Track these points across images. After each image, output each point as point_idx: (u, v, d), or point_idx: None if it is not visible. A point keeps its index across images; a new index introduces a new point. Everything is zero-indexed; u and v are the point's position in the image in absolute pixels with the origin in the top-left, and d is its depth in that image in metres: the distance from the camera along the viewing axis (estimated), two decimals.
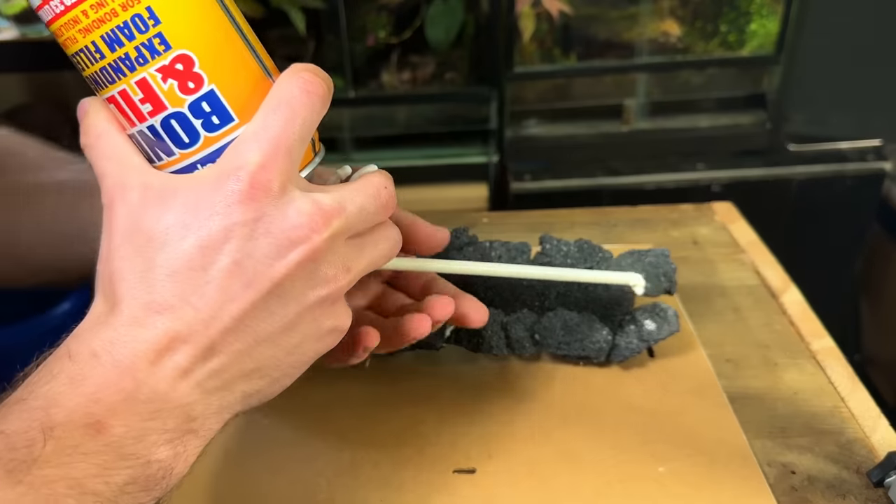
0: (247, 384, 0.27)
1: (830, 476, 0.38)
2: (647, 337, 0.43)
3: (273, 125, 0.26)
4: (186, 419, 0.25)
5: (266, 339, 0.27)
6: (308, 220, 0.26)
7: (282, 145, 0.26)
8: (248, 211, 0.25)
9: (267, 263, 0.26)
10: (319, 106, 0.28)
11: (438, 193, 1.01)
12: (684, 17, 0.96)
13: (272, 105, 0.27)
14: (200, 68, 0.26)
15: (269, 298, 0.26)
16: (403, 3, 0.94)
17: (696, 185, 0.97)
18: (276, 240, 0.26)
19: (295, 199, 0.26)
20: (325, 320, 0.28)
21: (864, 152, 0.99)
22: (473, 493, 0.37)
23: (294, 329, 0.27)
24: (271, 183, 0.26)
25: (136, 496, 0.24)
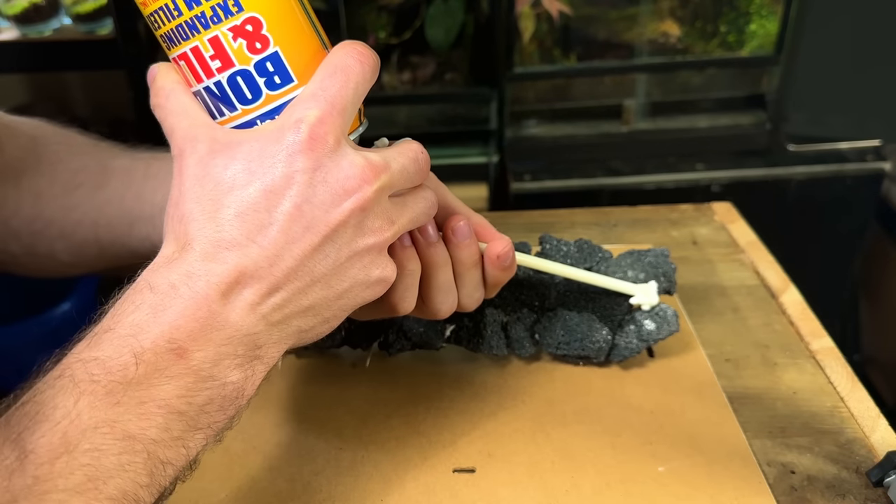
0: (302, 320, 0.29)
1: (830, 476, 0.38)
2: (647, 337, 0.43)
3: (330, 87, 0.29)
4: (253, 346, 0.28)
5: (321, 280, 0.29)
6: (360, 171, 0.29)
7: (337, 105, 0.29)
8: (307, 160, 0.28)
9: (324, 209, 0.28)
10: (370, 74, 0.30)
11: None
12: (684, 18, 0.96)
13: (329, 70, 0.29)
14: (267, 31, 0.29)
15: (325, 243, 0.28)
16: (403, 4, 0.94)
17: (695, 186, 0.97)
18: (332, 188, 0.28)
19: (348, 154, 0.29)
20: (372, 269, 0.30)
21: (864, 152, 0.99)
22: (473, 493, 0.37)
23: (345, 273, 0.30)
24: (327, 136, 0.28)
25: (214, 415, 0.27)
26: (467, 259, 0.36)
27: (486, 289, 0.38)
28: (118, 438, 0.25)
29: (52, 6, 0.98)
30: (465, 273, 0.36)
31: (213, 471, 0.38)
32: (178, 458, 0.27)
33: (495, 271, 0.37)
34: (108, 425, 0.25)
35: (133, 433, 0.25)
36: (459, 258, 0.36)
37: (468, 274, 0.36)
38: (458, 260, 0.36)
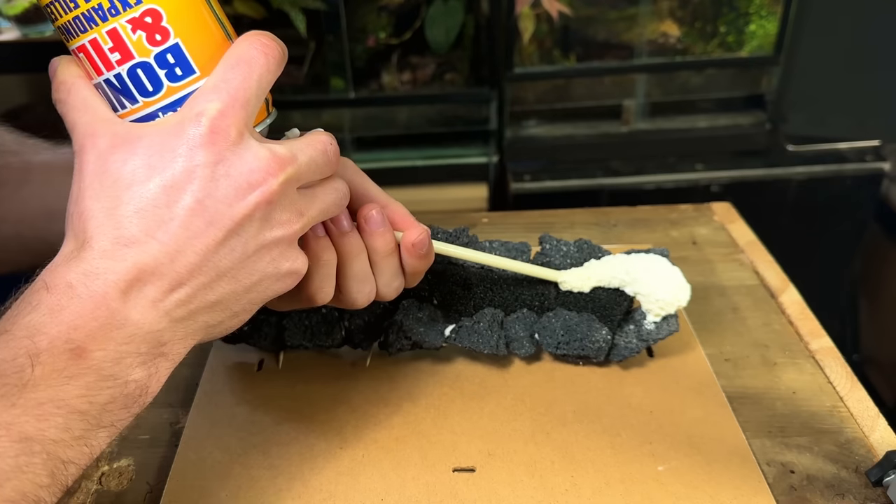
0: (209, 315, 0.29)
1: (829, 475, 0.38)
2: (647, 337, 0.43)
3: (232, 79, 0.29)
4: (157, 344, 0.28)
5: (227, 274, 0.29)
6: (265, 164, 0.28)
7: (239, 97, 0.28)
8: (208, 154, 0.28)
9: (227, 203, 0.28)
10: (274, 66, 0.30)
11: (438, 194, 1.01)
12: (683, 18, 0.96)
13: (231, 62, 0.29)
14: (167, 23, 0.28)
15: (230, 237, 0.28)
16: (403, 5, 0.94)
17: (695, 186, 0.97)
18: (235, 182, 0.28)
19: (252, 146, 0.29)
20: (282, 262, 0.31)
21: (863, 153, 0.99)
22: (473, 492, 0.37)
23: (253, 267, 0.30)
24: (229, 129, 0.28)
25: (117, 413, 0.27)
26: (382, 248, 0.36)
27: (405, 277, 0.38)
28: (14, 441, 0.24)
29: None
30: (380, 262, 0.36)
31: (213, 469, 0.38)
32: (80, 457, 0.27)
33: (411, 259, 0.37)
34: (4, 428, 0.24)
35: (31, 435, 0.25)
36: (374, 247, 0.36)
37: (384, 262, 0.36)
38: (372, 249, 0.36)
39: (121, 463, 0.40)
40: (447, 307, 0.44)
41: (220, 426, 0.41)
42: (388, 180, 1.16)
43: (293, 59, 0.96)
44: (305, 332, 0.43)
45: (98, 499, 0.38)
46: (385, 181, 1.07)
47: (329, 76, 0.96)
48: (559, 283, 0.43)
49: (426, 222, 0.49)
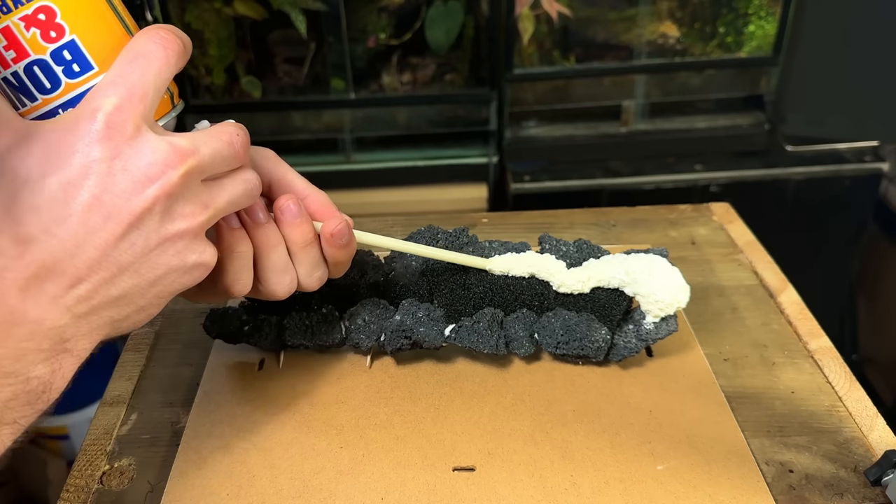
0: (114, 310, 0.29)
1: (828, 475, 0.38)
2: (646, 336, 0.43)
3: (129, 73, 0.29)
4: (60, 340, 0.28)
5: (129, 269, 0.29)
6: (164, 157, 0.28)
7: (136, 91, 0.28)
8: (105, 149, 0.28)
9: (125, 198, 0.28)
10: (174, 59, 0.30)
11: (438, 194, 1.01)
12: (683, 19, 0.96)
13: (129, 56, 0.29)
14: (62, 19, 0.28)
15: (130, 231, 0.28)
16: (404, 5, 0.94)
17: (694, 186, 0.97)
18: (132, 176, 0.28)
19: (150, 140, 0.28)
20: (188, 254, 0.30)
21: (862, 153, 0.99)
22: (473, 491, 0.37)
23: (156, 261, 0.30)
24: (126, 124, 0.28)
25: (20, 410, 0.28)
26: (300, 238, 0.36)
27: (328, 267, 0.38)
28: None
29: None
30: (299, 252, 0.36)
31: (213, 469, 0.38)
32: None
33: (331, 249, 0.37)
34: None
35: None
36: (291, 238, 0.36)
37: (303, 253, 0.36)
38: (290, 239, 0.36)
39: (122, 462, 0.40)
40: (447, 307, 0.44)
41: (220, 425, 0.41)
42: (388, 180, 1.16)
43: (294, 59, 0.96)
44: (306, 332, 0.43)
45: (99, 498, 0.38)
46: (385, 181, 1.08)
47: (329, 77, 0.96)
48: (490, 270, 0.44)
49: (426, 222, 0.49)
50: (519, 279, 0.44)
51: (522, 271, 0.44)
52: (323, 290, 0.40)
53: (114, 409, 0.43)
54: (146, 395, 0.45)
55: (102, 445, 0.41)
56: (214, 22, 0.92)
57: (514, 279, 0.44)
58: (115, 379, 0.46)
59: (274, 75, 0.97)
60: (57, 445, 1.09)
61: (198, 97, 0.96)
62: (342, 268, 0.39)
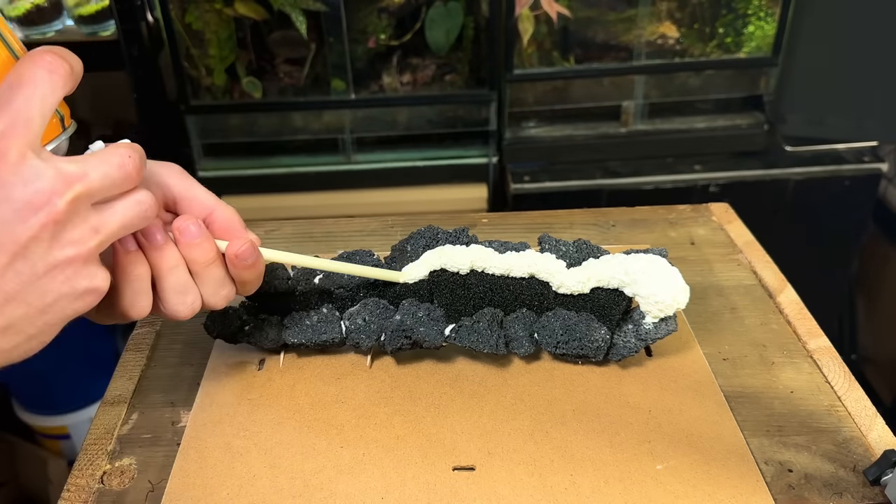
0: (2, 341, 0.29)
1: (827, 474, 0.38)
2: (645, 336, 0.43)
3: (12, 99, 0.28)
4: None
5: (15, 298, 0.28)
6: (49, 184, 0.28)
7: (21, 117, 0.28)
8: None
9: (9, 227, 0.27)
10: (60, 83, 0.29)
11: (438, 194, 1.01)
12: (682, 20, 0.96)
13: (12, 81, 0.28)
14: None
15: (15, 260, 0.28)
16: (404, 6, 0.94)
17: (693, 186, 0.97)
18: (16, 205, 0.27)
19: (34, 167, 0.28)
20: (78, 280, 0.30)
21: (861, 153, 0.99)
22: (473, 491, 0.37)
23: (45, 288, 0.29)
24: (9, 151, 0.27)
25: None
26: (200, 258, 0.35)
27: (235, 285, 0.37)
28: None
29: (54, 8, 0.98)
30: (201, 272, 0.35)
31: (214, 468, 0.39)
32: None
33: (237, 270, 0.36)
34: None
35: None
36: (192, 258, 0.35)
37: (205, 273, 0.35)
38: (191, 259, 0.35)
39: (122, 462, 0.40)
40: (447, 307, 0.44)
41: (221, 425, 0.41)
42: (388, 181, 1.16)
43: (294, 60, 0.96)
44: (306, 332, 0.43)
45: (99, 497, 0.38)
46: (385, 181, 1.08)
47: (330, 77, 0.96)
48: (405, 282, 0.43)
49: (426, 222, 0.49)
50: (519, 279, 0.44)
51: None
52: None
53: (115, 408, 0.44)
54: (147, 394, 0.45)
55: (103, 445, 0.41)
56: (215, 22, 0.92)
57: (514, 279, 0.44)
58: (115, 378, 0.46)
59: (274, 76, 0.97)
60: (57, 445, 1.10)
61: (198, 98, 0.96)
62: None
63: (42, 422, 1.07)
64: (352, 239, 0.59)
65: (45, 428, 1.08)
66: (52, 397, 1.05)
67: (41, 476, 1.08)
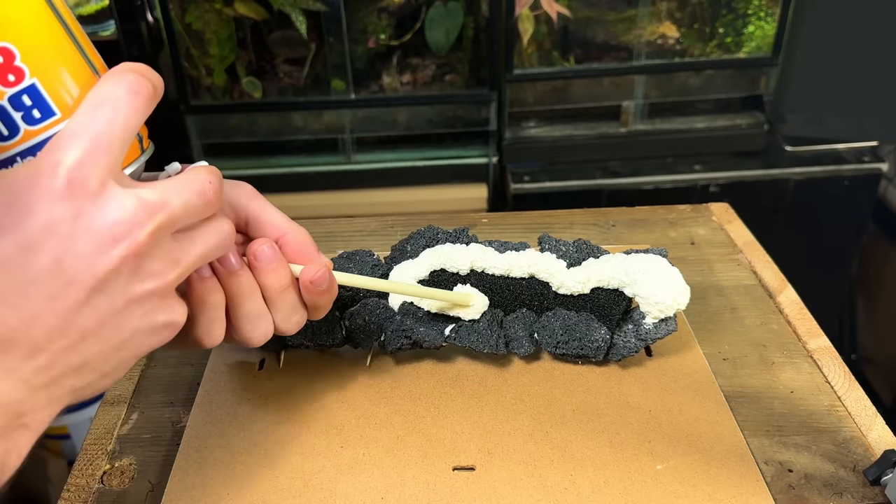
0: (75, 379, 0.27)
1: (827, 474, 0.38)
2: (645, 336, 0.43)
3: (94, 122, 0.26)
4: (15, 416, 0.25)
5: (93, 334, 0.27)
6: (130, 214, 0.26)
7: (102, 142, 0.26)
8: (67, 208, 0.25)
9: (89, 261, 0.26)
10: (143, 105, 0.28)
11: (438, 194, 1.01)
12: (682, 20, 0.96)
13: (94, 102, 0.27)
14: (22, 62, 0.26)
15: (94, 295, 0.26)
16: (404, 6, 0.94)
17: (693, 186, 0.97)
18: (97, 236, 0.26)
19: (115, 196, 0.26)
20: (156, 315, 0.28)
21: (861, 153, 0.99)
22: (473, 491, 0.37)
23: (122, 324, 0.27)
24: (89, 180, 0.26)
25: None
26: (275, 284, 0.33)
27: (307, 311, 0.36)
28: None
29: None
30: (275, 298, 0.34)
31: (214, 468, 0.39)
32: None
33: (311, 296, 0.35)
34: None
35: None
36: (267, 284, 0.33)
37: (279, 299, 0.34)
38: (265, 286, 0.33)
39: (122, 461, 0.40)
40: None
41: (221, 425, 0.41)
42: (388, 181, 1.16)
43: (294, 60, 0.96)
44: (306, 332, 0.43)
45: (99, 497, 0.38)
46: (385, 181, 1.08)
47: (330, 77, 0.96)
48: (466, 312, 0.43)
49: (426, 222, 0.49)
50: (519, 279, 0.44)
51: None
52: None
53: (115, 408, 0.44)
54: (147, 394, 0.45)
55: (103, 445, 0.41)
56: (215, 22, 0.92)
57: (514, 279, 0.44)
58: None
59: (274, 76, 0.97)
60: (57, 445, 1.09)
61: (198, 98, 0.96)
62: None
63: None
64: (352, 239, 0.59)
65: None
66: None
67: (41, 476, 1.08)
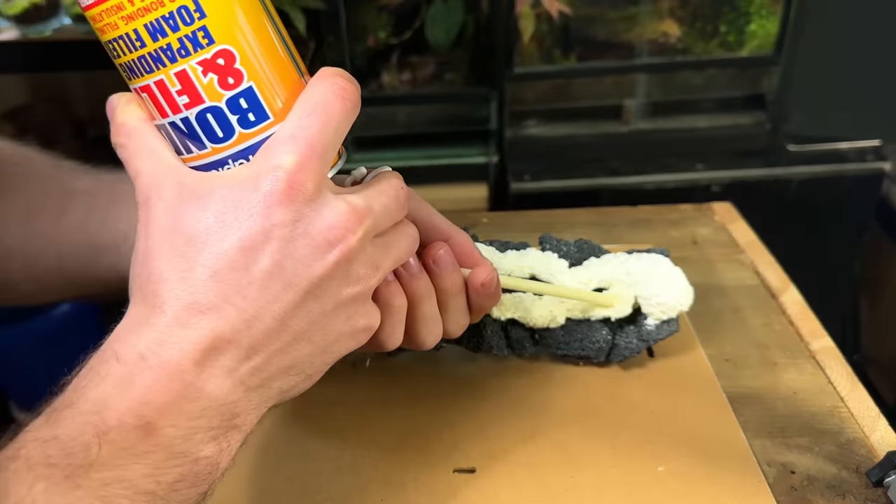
0: (283, 380, 0.28)
1: (830, 476, 0.38)
2: (647, 337, 0.43)
3: (308, 126, 0.27)
4: (230, 416, 0.26)
5: (303, 337, 0.27)
6: (344, 220, 0.27)
7: (317, 147, 0.26)
8: (286, 212, 0.26)
9: (306, 264, 0.26)
10: (352, 111, 0.28)
11: (439, 193, 1.01)
12: (684, 18, 0.96)
13: (308, 108, 0.27)
14: (241, 64, 0.26)
15: (308, 298, 0.27)
16: (404, 4, 0.94)
17: (695, 186, 0.97)
18: (314, 240, 0.26)
19: (329, 201, 0.27)
20: (358, 319, 0.29)
21: (864, 152, 0.99)
22: (473, 493, 0.37)
23: (329, 327, 0.28)
24: (306, 184, 0.26)
25: (186, 493, 0.25)
26: (451, 287, 0.34)
27: (471, 314, 0.36)
28: None
29: (52, 6, 0.98)
30: (449, 301, 0.34)
31: None
32: None
33: (480, 299, 0.35)
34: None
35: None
36: (443, 287, 0.34)
37: (452, 302, 0.35)
38: (441, 289, 0.34)
39: None
40: None
41: None
42: None
43: None
44: None
45: None
46: None
47: None
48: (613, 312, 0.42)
49: None
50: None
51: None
52: None
53: None
54: None
55: None
56: None
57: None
58: None
59: None
60: None
61: None
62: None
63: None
64: None
65: None
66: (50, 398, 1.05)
67: None
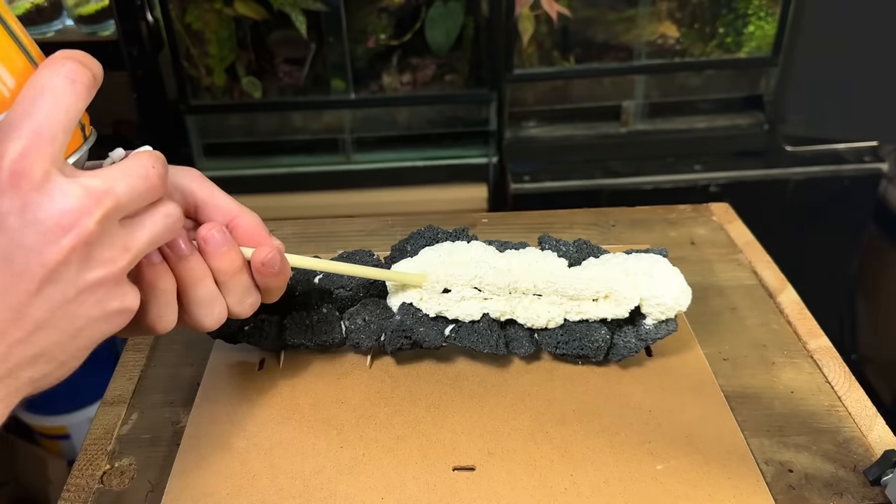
0: (32, 370, 0.27)
1: (827, 474, 0.38)
2: (646, 336, 0.43)
3: (35, 113, 0.26)
4: None
5: (47, 325, 0.27)
6: (77, 203, 0.26)
7: (44, 133, 0.26)
8: (12, 200, 0.25)
9: (37, 251, 0.26)
10: (84, 93, 0.27)
11: (438, 194, 1.01)
12: (682, 20, 0.96)
13: (34, 93, 0.26)
14: None
15: (44, 286, 0.26)
16: (404, 6, 0.94)
17: (693, 186, 0.97)
18: (44, 227, 0.26)
19: (61, 185, 0.26)
20: (109, 302, 0.28)
21: (861, 153, 0.99)
22: (473, 491, 0.37)
23: (75, 313, 0.27)
24: (32, 170, 0.25)
25: None
26: (227, 268, 0.33)
27: (261, 293, 0.36)
28: None
29: (54, 8, 0.98)
30: (228, 281, 0.34)
31: (214, 468, 0.38)
32: None
33: (263, 278, 0.35)
34: None
35: None
36: (218, 268, 0.33)
37: (232, 282, 0.34)
38: (217, 269, 0.33)
39: (122, 462, 0.40)
40: None
41: (221, 425, 0.41)
42: (388, 180, 1.16)
43: (294, 60, 0.96)
44: (306, 332, 0.43)
45: (99, 497, 0.38)
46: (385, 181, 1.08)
47: (329, 77, 0.96)
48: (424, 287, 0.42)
49: (426, 222, 0.49)
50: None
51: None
52: None
53: (114, 408, 0.44)
54: (147, 394, 0.45)
55: (103, 445, 0.41)
56: (215, 22, 0.92)
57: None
58: (115, 378, 0.46)
59: (274, 76, 0.97)
60: (57, 445, 1.09)
61: (198, 98, 0.96)
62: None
63: (41, 422, 1.07)
64: (352, 239, 0.59)
65: (45, 428, 1.08)
66: (52, 397, 1.05)
67: (41, 476, 1.08)
